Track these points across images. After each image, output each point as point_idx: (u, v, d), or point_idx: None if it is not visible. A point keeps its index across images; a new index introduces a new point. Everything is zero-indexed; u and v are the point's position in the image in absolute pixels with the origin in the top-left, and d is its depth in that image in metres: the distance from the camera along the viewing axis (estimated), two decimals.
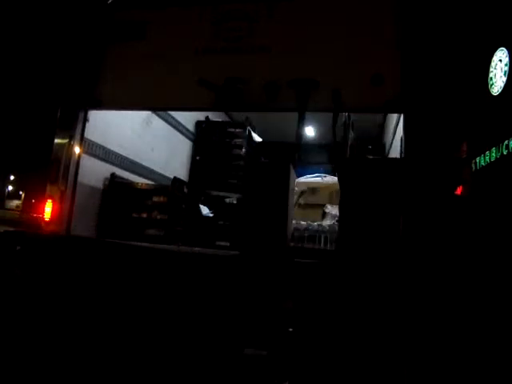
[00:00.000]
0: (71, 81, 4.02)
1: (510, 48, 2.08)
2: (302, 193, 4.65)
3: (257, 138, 6.49)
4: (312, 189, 4.68)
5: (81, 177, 4.02)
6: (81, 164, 4.00)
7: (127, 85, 3.95)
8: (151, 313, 2.80)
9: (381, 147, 6.36)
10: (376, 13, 3.46)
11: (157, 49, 3.94)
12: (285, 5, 3.70)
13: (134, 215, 4.60)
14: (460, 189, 2.52)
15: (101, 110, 4.09)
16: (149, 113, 5.13)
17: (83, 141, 4.02)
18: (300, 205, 4.57)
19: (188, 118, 6.16)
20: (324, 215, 4.32)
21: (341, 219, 3.27)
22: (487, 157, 2.14)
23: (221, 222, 5.08)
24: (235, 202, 5.18)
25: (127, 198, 4.59)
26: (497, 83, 2.15)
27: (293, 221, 3.98)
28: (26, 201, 33.57)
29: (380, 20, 3.44)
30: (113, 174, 4.58)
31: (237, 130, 6.24)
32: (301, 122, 3.67)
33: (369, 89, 3.34)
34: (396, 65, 3.24)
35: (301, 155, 4.60)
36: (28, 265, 3.18)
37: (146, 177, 5.17)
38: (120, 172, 4.69)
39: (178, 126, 5.92)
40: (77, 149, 3.95)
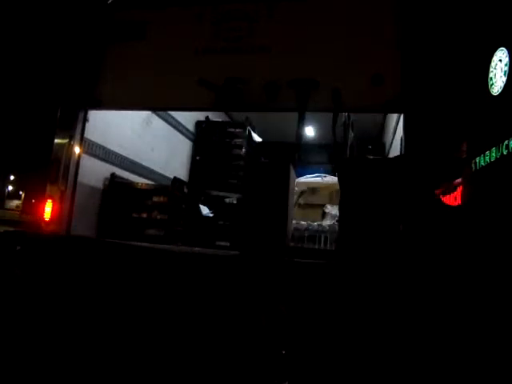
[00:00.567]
0: (71, 81, 4.02)
1: (510, 48, 2.08)
2: (302, 193, 4.65)
3: (257, 138, 6.50)
4: (312, 189, 4.68)
5: (81, 177, 4.02)
6: (81, 164, 4.01)
7: (127, 85, 3.95)
8: (151, 313, 2.80)
9: (381, 147, 6.36)
10: (376, 13, 3.47)
11: (157, 49, 3.95)
12: (285, 5, 3.70)
13: (134, 215, 4.60)
14: (460, 189, 2.51)
15: (101, 110, 4.10)
16: (149, 113, 5.13)
17: (83, 141, 4.02)
18: (300, 205, 4.57)
19: (188, 118, 6.17)
20: (324, 215, 4.33)
21: (341, 219, 3.28)
22: (487, 157, 2.13)
23: (221, 222, 5.09)
24: (235, 202, 5.19)
25: (127, 198, 4.59)
26: (497, 83, 2.15)
27: (293, 221, 3.99)
28: (26, 201, 33.50)
29: (380, 20, 3.44)
30: (113, 174, 4.58)
31: (237, 130, 6.25)
32: (301, 122, 3.67)
33: (369, 89, 3.34)
34: (396, 65, 3.25)
35: (301, 155, 4.61)
36: (28, 265, 3.18)
37: (146, 177, 5.17)
38: (120, 172, 4.70)
39: (178, 126, 5.93)
40: (77, 149, 3.96)
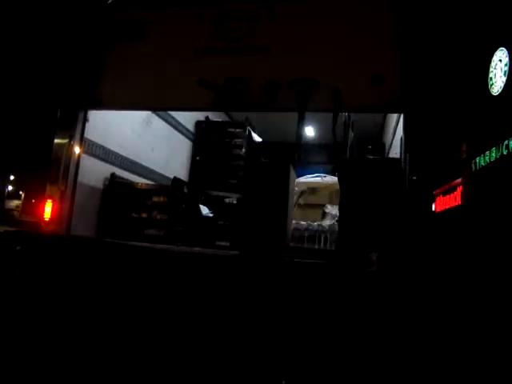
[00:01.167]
0: (71, 81, 4.02)
1: (510, 48, 2.08)
2: (302, 193, 4.65)
3: (257, 138, 6.50)
4: (312, 189, 4.69)
5: (81, 177, 4.02)
6: (81, 164, 4.01)
7: (127, 85, 3.95)
8: (151, 312, 2.80)
9: (381, 147, 6.36)
10: (376, 13, 3.47)
11: (157, 49, 3.95)
12: (285, 5, 3.70)
13: (134, 215, 4.61)
14: (460, 189, 2.51)
15: (101, 110, 4.10)
16: (149, 113, 5.13)
17: (83, 141, 4.02)
18: (300, 205, 4.58)
19: (188, 118, 6.17)
20: (324, 215, 4.33)
21: (341, 219, 3.28)
22: (487, 157, 2.13)
23: (221, 222, 5.10)
24: (235, 202, 5.20)
25: (127, 198, 4.60)
26: (497, 83, 2.15)
27: (293, 221, 3.99)
28: (26, 201, 33.51)
29: (380, 20, 3.45)
30: (113, 174, 4.58)
31: (237, 130, 6.24)
32: (301, 122, 3.67)
33: (369, 89, 3.34)
34: (396, 65, 3.25)
35: (301, 155, 4.62)
36: (28, 265, 3.18)
37: (146, 177, 5.17)
38: (120, 172, 4.70)
39: (178, 126, 5.92)
40: (77, 149, 3.96)
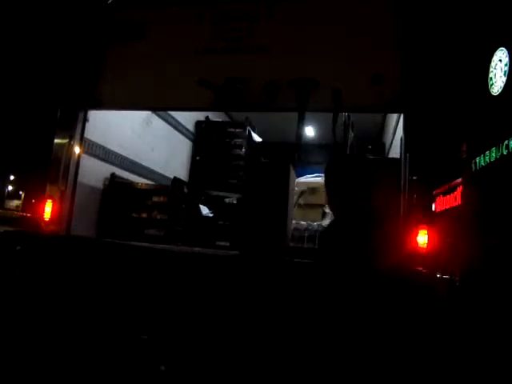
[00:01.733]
0: (71, 81, 4.02)
1: (510, 48, 2.08)
2: (302, 193, 4.65)
3: (257, 138, 6.49)
4: (312, 189, 4.68)
5: (81, 177, 4.02)
6: (81, 164, 4.00)
7: (127, 85, 3.95)
8: (151, 312, 2.80)
9: (381, 147, 6.36)
10: (376, 13, 3.47)
11: (157, 49, 3.94)
12: (285, 5, 3.70)
13: (134, 215, 4.60)
14: (460, 189, 2.52)
15: (101, 110, 4.09)
16: (149, 113, 5.13)
17: (83, 141, 4.02)
18: (300, 205, 4.57)
19: (188, 118, 6.16)
20: (324, 215, 4.32)
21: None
22: (487, 157, 2.13)
23: (221, 222, 5.09)
24: (235, 202, 5.19)
25: (127, 198, 4.59)
26: (497, 83, 2.15)
27: (293, 221, 3.98)
28: (26, 201, 33.52)
29: (380, 20, 3.44)
30: (113, 174, 4.58)
31: (237, 130, 6.23)
32: (301, 122, 3.67)
33: (369, 89, 3.34)
34: (396, 65, 3.25)
35: (301, 155, 4.61)
36: (28, 265, 3.18)
37: (146, 177, 5.17)
38: (120, 172, 4.69)
39: (178, 126, 5.92)
40: (77, 149, 3.95)
